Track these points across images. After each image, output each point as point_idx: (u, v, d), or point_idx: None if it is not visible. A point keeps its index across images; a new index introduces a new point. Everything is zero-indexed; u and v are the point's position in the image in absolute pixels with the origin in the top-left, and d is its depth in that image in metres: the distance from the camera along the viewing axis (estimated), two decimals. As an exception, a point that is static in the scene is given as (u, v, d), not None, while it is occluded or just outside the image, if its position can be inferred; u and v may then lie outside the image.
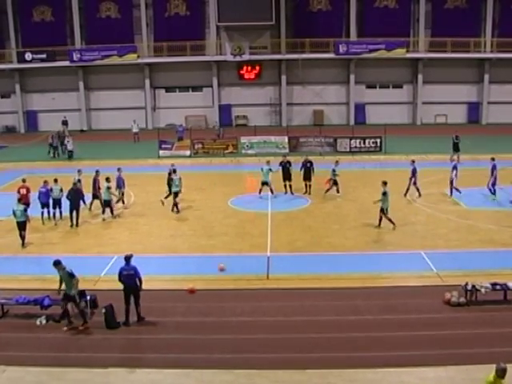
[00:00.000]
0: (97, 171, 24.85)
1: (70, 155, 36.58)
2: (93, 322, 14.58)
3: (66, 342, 13.65)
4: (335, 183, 26.17)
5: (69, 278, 14.20)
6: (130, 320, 14.46)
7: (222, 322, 14.45)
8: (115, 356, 12.95)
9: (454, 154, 32.52)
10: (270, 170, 26.38)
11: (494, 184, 25.23)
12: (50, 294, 15.13)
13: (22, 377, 12.13)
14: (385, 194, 21.47)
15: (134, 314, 14.58)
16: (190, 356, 12.83)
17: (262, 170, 26.41)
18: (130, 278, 14.48)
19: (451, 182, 25.54)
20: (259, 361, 12.57)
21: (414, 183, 25.71)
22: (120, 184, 25.00)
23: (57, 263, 14.45)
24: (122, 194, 25.17)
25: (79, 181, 24.58)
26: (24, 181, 24.18)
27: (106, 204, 23.65)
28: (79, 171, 25.43)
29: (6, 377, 12.08)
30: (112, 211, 23.77)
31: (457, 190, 25.55)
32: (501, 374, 9.26)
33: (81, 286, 15.83)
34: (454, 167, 25.64)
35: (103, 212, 23.70)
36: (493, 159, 25.70)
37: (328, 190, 26.18)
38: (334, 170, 26.15)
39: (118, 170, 25.37)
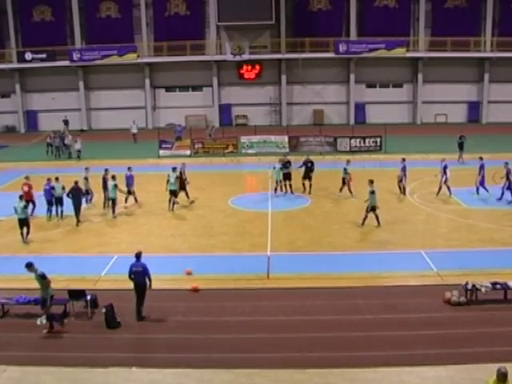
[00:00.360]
0: (106, 170, 25.12)
1: (78, 155, 36.58)
2: (93, 321, 14.62)
3: (67, 342, 13.66)
4: (343, 183, 26.09)
5: (40, 280, 14.02)
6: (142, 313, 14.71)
7: (222, 322, 14.46)
8: (115, 355, 12.95)
9: (460, 154, 32.59)
10: (281, 168, 26.43)
11: (482, 183, 25.37)
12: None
13: (22, 377, 12.13)
14: (373, 192, 21.49)
15: (133, 314, 14.62)
16: (190, 355, 12.84)
17: (273, 168, 26.59)
18: (138, 274, 14.64)
19: (445, 182, 25.58)
20: (259, 360, 12.57)
21: (400, 181, 25.81)
22: (130, 182, 25.17)
23: (28, 265, 14.22)
24: (134, 193, 25.41)
25: (86, 179, 24.93)
26: (27, 178, 24.30)
27: (113, 202, 23.80)
28: (87, 169, 25.72)
29: (7, 376, 12.08)
30: (114, 210, 23.86)
31: (439, 190, 25.67)
32: (501, 378, 9.25)
33: (81, 286, 15.96)
34: (445, 167, 25.66)
35: (113, 210, 23.95)
36: (481, 158, 26.00)
37: (350, 191, 26.04)
38: (345, 170, 26.05)
39: (129, 169, 25.59)
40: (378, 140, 37.07)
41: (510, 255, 18.52)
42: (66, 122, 46.88)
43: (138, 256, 14.90)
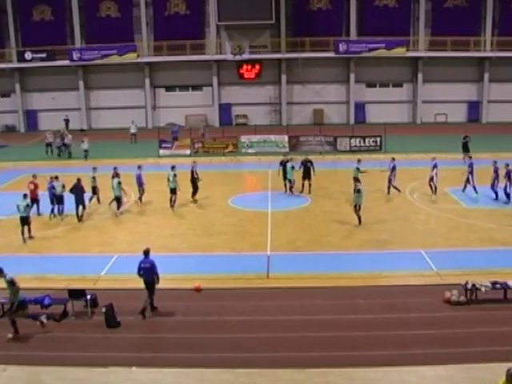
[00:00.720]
0: (115, 168, 25.21)
1: (86, 155, 36.42)
2: (93, 321, 14.62)
3: (67, 341, 13.66)
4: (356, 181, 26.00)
5: (10, 286, 13.83)
6: (154, 306, 14.91)
7: (222, 321, 14.46)
8: (115, 355, 12.96)
9: (465, 155, 32.51)
10: (293, 167, 26.43)
11: (467, 180, 25.62)
12: (51, 294, 15.16)
13: (22, 376, 12.15)
14: (359, 191, 21.53)
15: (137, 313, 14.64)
16: (190, 355, 12.84)
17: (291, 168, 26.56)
18: (146, 271, 14.81)
19: (431, 180, 25.59)
20: (259, 360, 12.57)
21: (389, 180, 25.87)
22: (140, 182, 25.26)
23: None
24: (143, 191, 25.47)
25: (94, 178, 25.08)
26: (34, 176, 24.39)
27: (117, 199, 23.97)
28: (94, 168, 25.80)
29: (7, 376, 12.09)
30: (118, 207, 24.07)
31: (435, 188, 25.63)
32: (510, 379, 9.25)
33: (81, 285, 15.95)
34: (435, 165, 25.69)
35: (118, 208, 24.12)
36: (470, 157, 26.54)
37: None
38: (358, 169, 25.89)
39: (139, 167, 25.66)
40: (378, 140, 37.07)
41: (509, 255, 18.52)
42: (66, 122, 46.94)
43: (147, 253, 15.08)
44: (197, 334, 13.79)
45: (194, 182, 25.74)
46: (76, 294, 15.07)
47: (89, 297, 15.02)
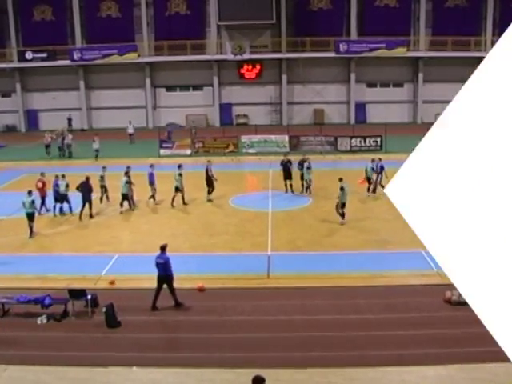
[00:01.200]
0: (128, 167, 25.34)
1: (96, 155, 36.38)
2: (93, 321, 14.63)
3: (67, 341, 13.67)
4: (370, 182, 26.04)
5: None
6: (156, 306, 14.98)
7: (222, 321, 14.46)
8: (116, 355, 12.97)
9: None
10: (309, 168, 26.49)
11: None
12: (51, 293, 15.18)
13: (22, 376, 12.15)
14: (342, 189, 21.65)
15: (134, 313, 14.63)
16: (191, 355, 12.85)
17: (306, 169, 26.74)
18: (160, 266, 15.03)
19: (380, 182, 25.81)
20: (260, 360, 12.57)
21: (380, 180, 25.99)
22: (152, 180, 25.30)
23: None
24: (154, 190, 25.54)
25: (102, 177, 25.24)
26: (42, 174, 24.48)
27: (124, 197, 24.06)
28: (104, 168, 25.91)
29: (7, 376, 12.09)
30: (130, 204, 24.27)
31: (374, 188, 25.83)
32: None
33: (81, 285, 15.97)
34: (382, 167, 25.79)
35: (121, 205, 24.19)
36: None
37: (369, 189, 26.07)
38: (372, 169, 25.95)
39: (151, 166, 25.74)
40: (379, 139, 37.07)
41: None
42: (69, 121, 46.95)
43: (163, 248, 15.28)
44: (197, 334, 13.80)
45: (210, 181, 25.80)
46: (76, 293, 15.10)
47: (89, 296, 15.04)
